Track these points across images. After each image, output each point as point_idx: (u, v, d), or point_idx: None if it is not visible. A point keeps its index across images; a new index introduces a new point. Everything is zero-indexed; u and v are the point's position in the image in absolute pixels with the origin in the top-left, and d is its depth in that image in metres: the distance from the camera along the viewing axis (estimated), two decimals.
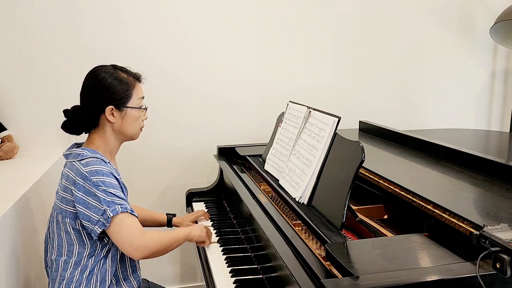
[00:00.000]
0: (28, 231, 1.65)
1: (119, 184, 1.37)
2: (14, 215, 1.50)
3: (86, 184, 1.31)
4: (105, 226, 1.30)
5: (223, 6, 2.36)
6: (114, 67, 1.45)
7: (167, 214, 1.88)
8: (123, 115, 1.42)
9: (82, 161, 1.34)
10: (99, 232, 1.31)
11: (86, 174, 1.31)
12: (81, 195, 1.31)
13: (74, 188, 1.32)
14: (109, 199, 1.30)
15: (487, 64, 2.82)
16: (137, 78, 1.47)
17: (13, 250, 1.47)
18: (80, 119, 1.42)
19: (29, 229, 1.67)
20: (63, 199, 1.37)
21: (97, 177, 1.31)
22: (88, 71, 1.45)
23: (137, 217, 1.37)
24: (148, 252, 1.34)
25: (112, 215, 1.29)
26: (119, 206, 1.30)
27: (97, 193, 1.30)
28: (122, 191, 1.38)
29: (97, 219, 1.30)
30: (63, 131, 1.45)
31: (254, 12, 2.41)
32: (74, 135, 1.46)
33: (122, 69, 1.46)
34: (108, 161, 1.39)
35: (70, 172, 1.35)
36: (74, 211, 1.35)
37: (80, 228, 1.36)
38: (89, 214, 1.31)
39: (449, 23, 2.70)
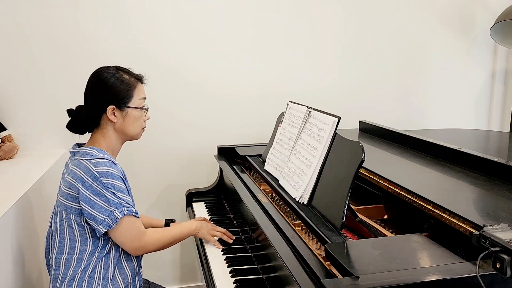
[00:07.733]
0: (29, 231, 1.65)
1: (126, 188, 1.41)
2: (15, 215, 1.50)
3: (96, 184, 1.34)
4: (110, 227, 1.34)
5: (223, 6, 2.36)
6: (117, 68, 1.48)
7: (165, 220, 1.85)
8: (124, 114, 1.45)
9: (92, 161, 1.36)
10: (103, 232, 1.35)
11: (97, 174, 1.34)
12: (88, 194, 1.34)
13: (81, 187, 1.34)
14: (117, 201, 1.35)
15: (487, 64, 2.82)
16: (139, 79, 1.50)
17: (14, 249, 1.47)
18: (83, 119, 1.46)
19: (30, 228, 1.67)
20: (67, 195, 1.38)
21: (107, 179, 1.35)
22: (88, 71, 1.49)
23: (139, 217, 1.42)
24: (145, 252, 1.46)
25: (120, 216, 1.34)
26: (125, 208, 1.36)
27: (106, 194, 1.34)
28: (129, 193, 1.43)
29: (103, 219, 1.33)
30: (64, 131, 1.49)
31: (255, 12, 2.41)
32: (78, 134, 1.50)
33: (125, 70, 1.49)
34: (117, 162, 1.43)
35: (78, 169, 1.36)
36: (79, 207, 1.36)
37: (85, 224, 1.38)
38: (94, 213, 1.34)
39: (449, 23, 2.70)
